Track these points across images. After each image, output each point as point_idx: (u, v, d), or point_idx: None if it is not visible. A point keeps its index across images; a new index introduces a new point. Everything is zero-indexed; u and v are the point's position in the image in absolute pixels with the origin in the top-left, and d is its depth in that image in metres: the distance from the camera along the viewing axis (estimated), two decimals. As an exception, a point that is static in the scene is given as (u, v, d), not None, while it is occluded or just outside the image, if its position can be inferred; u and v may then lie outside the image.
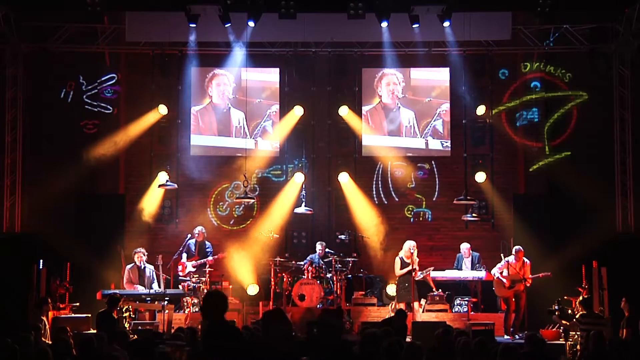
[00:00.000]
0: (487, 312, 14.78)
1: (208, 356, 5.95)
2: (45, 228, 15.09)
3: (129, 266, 14.22)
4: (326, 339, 6.71)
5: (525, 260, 14.09)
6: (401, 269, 14.20)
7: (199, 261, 14.84)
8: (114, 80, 16.43)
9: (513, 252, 14.13)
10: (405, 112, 16.65)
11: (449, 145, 16.62)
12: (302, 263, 14.97)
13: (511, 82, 16.64)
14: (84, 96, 16.34)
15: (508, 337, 13.66)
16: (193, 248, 15.00)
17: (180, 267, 14.77)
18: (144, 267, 14.15)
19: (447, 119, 16.58)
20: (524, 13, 15.87)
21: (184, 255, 14.83)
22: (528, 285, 13.98)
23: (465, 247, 15.29)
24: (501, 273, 14.08)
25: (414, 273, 13.96)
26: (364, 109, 16.59)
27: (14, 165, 15.71)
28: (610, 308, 13.44)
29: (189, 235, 15.13)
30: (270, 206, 16.38)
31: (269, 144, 16.67)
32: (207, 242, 15.18)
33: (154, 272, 14.17)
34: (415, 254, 14.09)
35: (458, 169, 16.51)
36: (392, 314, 14.11)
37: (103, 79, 16.40)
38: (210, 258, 14.77)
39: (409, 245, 14.20)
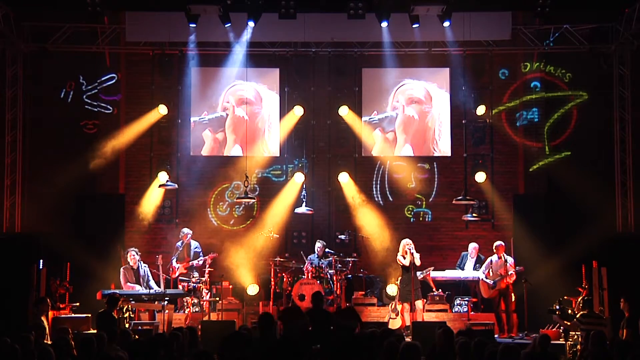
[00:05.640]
0: (487, 312, 14.78)
1: None
2: (45, 228, 15.12)
3: (123, 267, 14.19)
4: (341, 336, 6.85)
5: (507, 257, 14.11)
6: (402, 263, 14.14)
7: (190, 263, 14.89)
8: (114, 80, 16.44)
9: (493, 248, 14.19)
10: (408, 112, 16.64)
11: (449, 146, 16.61)
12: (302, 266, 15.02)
13: (511, 82, 16.64)
14: (84, 96, 16.36)
15: (511, 336, 13.68)
16: (181, 250, 15.05)
17: (171, 270, 14.79)
18: (138, 267, 14.14)
19: (446, 122, 16.59)
20: (524, 13, 15.87)
21: (174, 259, 14.86)
22: (511, 281, 13.99)
23: (472, 246, 15.33)
24: (487, 273, 14.15)
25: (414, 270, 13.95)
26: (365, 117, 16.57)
27: (14, 165, 15.70)
28: (610, 308, 13.42)
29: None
30: (270, 206, 16.39)
31: (270, 144, 16.66)
32: (193, 242, 15.23)
33: (148, 270, 14.18)
34: (411, 251, 13.95)
35: (458, 169, 16.51)
36: (391, 314, 14.16)
37: (103, 79, 16.41)
38: (201, 258, 14.80)
39: (403, 243, 14.17)
